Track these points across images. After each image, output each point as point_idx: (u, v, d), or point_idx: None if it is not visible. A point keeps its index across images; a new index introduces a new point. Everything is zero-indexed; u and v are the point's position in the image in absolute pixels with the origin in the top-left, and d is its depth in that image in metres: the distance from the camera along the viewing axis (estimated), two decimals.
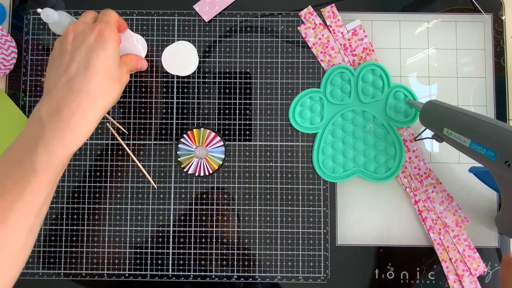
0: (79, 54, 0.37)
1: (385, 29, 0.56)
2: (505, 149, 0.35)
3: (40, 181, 0.33)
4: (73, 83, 0.36)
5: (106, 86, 0.38)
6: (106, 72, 0.38)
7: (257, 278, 0.54)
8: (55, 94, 0.36)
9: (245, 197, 0.55)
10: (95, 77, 0.37)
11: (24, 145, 0.34)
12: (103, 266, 0.54)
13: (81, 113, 0.35)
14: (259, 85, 0.56)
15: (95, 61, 0.37)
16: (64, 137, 0.34)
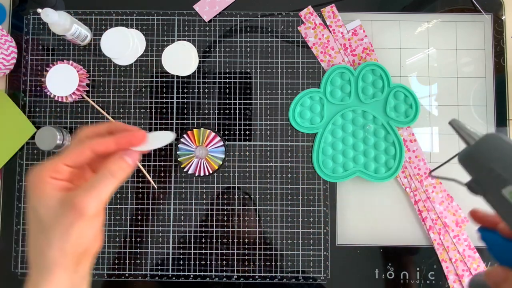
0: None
1: (385, 29, 0.56)
2: None
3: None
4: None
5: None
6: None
7: (257, 278, 0.54)
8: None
9: (245, 197, 0.55)
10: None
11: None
12: (103, 266, 0.54)
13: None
14: (259, 85, 0.56)
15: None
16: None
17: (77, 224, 0.27)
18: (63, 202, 0.27)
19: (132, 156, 0.30)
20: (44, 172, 0.28)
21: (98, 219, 0.29)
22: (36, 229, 0.28)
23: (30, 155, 0.55)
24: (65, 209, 0.27)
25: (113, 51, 0.54)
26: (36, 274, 0.28)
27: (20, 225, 0.54)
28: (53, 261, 0.27)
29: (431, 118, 0.56)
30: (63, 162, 0.28)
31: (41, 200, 0.27)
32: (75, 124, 0.56)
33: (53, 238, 0.27)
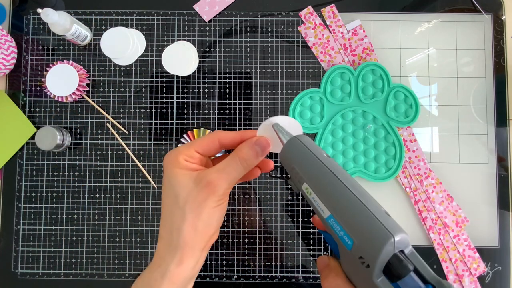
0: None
1: (385, 29, 0.56)
2: (366, 244, 0.25)
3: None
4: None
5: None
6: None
7: (257, 278, 0.54)
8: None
9: (245, 197, 0.55)
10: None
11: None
12: (103, 266, 0.54)
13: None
14: (259, 85, 0.56)
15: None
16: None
17: (209, 200, 0.29)
18: (197, 179, 0.29)
19: (262, 145, 0.31)
20: (180, 155, 0.31)
21: (224, 204, 0.31)
22: (172, 204, 0.30)
23: (30, 155, 0.55)
24: (199, 185, 0.29)
25: (113, 51, 0.54)
26: (166, 247, 0.30)
27: (20, 225, 0.54)
28: (185, 239, 0.29)
29: (431, 118, 0.56)
30: (195, 148, 0.31)
31: (177, 178, 0.30)
32: (75, 124, 0.56)
33: (189, 212, 0.29)
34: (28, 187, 0.55)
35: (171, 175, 0.30)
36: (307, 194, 0.29)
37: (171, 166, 0.31)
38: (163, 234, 0.31)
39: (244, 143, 0.31)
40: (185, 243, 0.29)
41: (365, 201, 0.26)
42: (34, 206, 0.55)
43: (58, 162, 0.55)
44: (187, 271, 0.30)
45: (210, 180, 0.29)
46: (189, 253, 0.29)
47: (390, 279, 0.24)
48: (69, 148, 0.55)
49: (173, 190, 0.30)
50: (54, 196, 0.55)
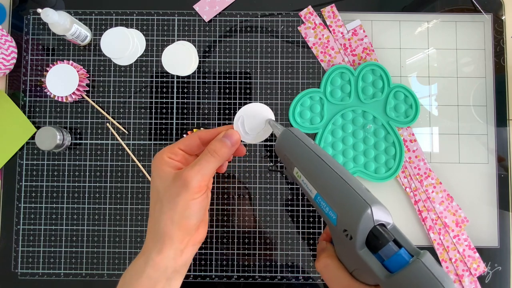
0: None
1: (385, 29, 0.56)
2: (347, 216, 0.27)
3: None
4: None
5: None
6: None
7: (257, 278, 0.54)
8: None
9: (245, 197, 0.55)
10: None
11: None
12: (103, 266, 0.54)
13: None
14: (259, 85, 0.56)
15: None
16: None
17: (182, 194, 0.31)
18: (176, 176, 0.32)
19: (230, 137, 0.34)
20: (164, 153, 0.34)
21: (202, 197, 0.33)
22: (155, 199, 0.33)
23: (30, 155, 0.55)
24: (176, 181, 0.32)
25: (113, 51, 0.54)
26: (150, 239, 0.33)
27: (20, 225, 0.54)
28: (164, 230, 0.32)
29: (431, 118, 0.56)
30: (177, 146, 0.34)
31: (160, 175, 0.33)
32: (75, 124, 0.56)
33: (165, 205, 0.32)
34: (28, 187, 0.55)
35: (156, 172, 0.34)
36: (298, 178, 0.33)
37: (157, 164, 0.34)
38: (149, 226, 0.34)
39: (215, 138, 0.35)
40: (164, 233, 0.32)
41: (346, 178, 0.29)
42: (34, 206, 0.55)
43: (58, 162, 0.55)
44: (168, 260, 0.32)
45: (184, 175, 0.32)
46: (168, 242, 0.32)
47: (372, 250, 0.27)
48: (69, 148, 0.55)
49: (156, 185, 0.33)
50: (54, 196, 0.55)
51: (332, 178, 0.29)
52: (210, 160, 0.33)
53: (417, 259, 0.24)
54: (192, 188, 0.31)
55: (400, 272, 0.24)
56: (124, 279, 0.33)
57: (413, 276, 0.24)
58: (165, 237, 0.32)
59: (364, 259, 0.26)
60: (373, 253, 0.27)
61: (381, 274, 0.25)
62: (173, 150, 0.34)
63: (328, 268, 0.29)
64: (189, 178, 0.31)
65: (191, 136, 0.35)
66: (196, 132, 0.35)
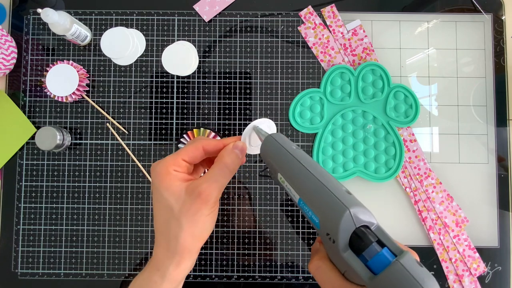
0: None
1: (385, 29, 0.56)
2: (327, 220, 0.28)
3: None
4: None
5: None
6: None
7: (257, 278, 0.54)
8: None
9: (245, 197, 0.55)
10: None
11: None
12: (103, 266, 0.54)
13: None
14: (259, 85, 0.56)
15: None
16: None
17: (203, 209, 0.31)
18: (189, 190, 0.31)
19: (240, 148, 0.34)
20: (169, 166, 0.32)
21: (216, 208, 0.32)
22: (167, 215, 0.31)
23: (30, 155, 0.55)
24: (191, 196, 0.31)
25: (113, 51, 0.54)
26: (164, 252, 0.32)
27: (20, 225, 0.54)
28: (184, 245, 0.31)
29: (431, 118, 0.56)
30: (181, 157, 0.32)
31: (170, 190, 0.31)
32: (75, 124, 0.56)
33: (184, 223, 0.31)
34: (28, 187, 0.55)
35: (163, 187, 0.31)
36: (281, 183, 0.33)
37: (162, 178, 0.32)
38: (160, 242, 0.32)
39: (224, 150, 0.33)
40: (183, 248, 0.31)
41: (325, 181, 0.29)
42: (34, 206, 0.55)
43: (58, 162, 0.55)
44: (185, 271, 0.32)
45: (201, 191, 0.30)
46: (186, 256, 0.31)
47: (356, 252, 0.27)
48: (69, 148, 0.55)
49: (167, 202, 0.31)
50: (54, 196, 0.55)
51: (312, 183, 0.30)
52: (226, 174, 0.32)
53: (396, 260, 0.24)
54: (212, 204, 0.31)
55: (381, 274, 0.24)
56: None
57: (393, 277, 0.24)
58: (184, 251, 0.31)
59: (348, 261, 0.26)
60: (358, 255, 0.27)
61: (364, 275, 0.25)
62: (177, 162, 0.32)
63: (320, 270, 0.29)
64: (208, 193, 0.30)
65: (195, 147, 0.33)
66: (199, 142, 0.33)
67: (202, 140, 0.33)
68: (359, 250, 0.26)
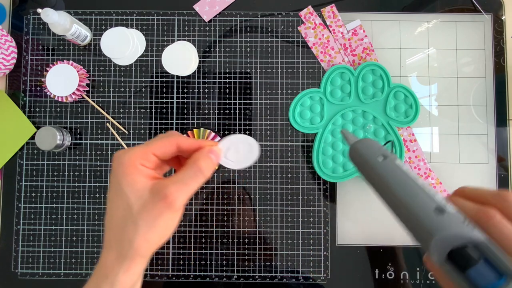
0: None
1: (385, 29, 0.56)
2: (416, 240, 0.26)
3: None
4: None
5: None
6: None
7: (257, 278, 0.54)
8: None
9: (245, 198, 0.55)
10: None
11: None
12: None
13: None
14: (259, 85, 0.56)
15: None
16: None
17: (165, 215, 0.27)
18: (154, 190, 0.27)
19: (216, 155, 0.30)
20: (136, 158, 0.28)
21: (180, 213, 0.29)
22: (124, 214, 0.28)
23: (30, 155, 0.55)
24: (155, 199, 0.27)
25: (113, 51, 0.54)
26: (115, 257, 0.28)
27: (20, 225, 0.54)
28: (137, 250, 0.28)
29: (431, 118, 0.56)
30: (152, 151, 0.29)
31: (133, 186, 0.28)
32: (75, 124, 0.56)
33: (142, 226, 0.27)
34: (28, 187, 0.55)
35: (125, 182, 0.28)
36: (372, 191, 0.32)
37: (126, 171, 0.28)
38: (112, 244, 0.29)
39: (200, 153, 0.30)
40: (136, 254, 0.28)
41: (410, 200, 0.27)
42: (34, 206, 0.55)
43: (58, 162, 0.55)
44: (136, 276, 0.29)
45: (168, 193, 0.27)
46: (138, 261, 0.28)
47: (460, 269, 0.24)
48: (69, 148, 0.55)
49: (127, 199, 0.28)
50: (54, 196, 0.55)
51: (395, 204, 0.28)
52: (198, 179, 0.29)
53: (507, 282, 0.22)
54: (177, 209, 0.28)
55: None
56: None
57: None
58: (137, 257, 0.28)
59: (449, 275, 0.24)
60: (461, 271, 0.24)
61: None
62: (147, 155, 0.29)
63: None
64: (175, 197, 0.27)
65: (169, 142, 0.30)
66: (174, 137, 0.30)
67: (177, 136, 0.30)
68: (463, 267, 0.24)
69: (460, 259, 0.24)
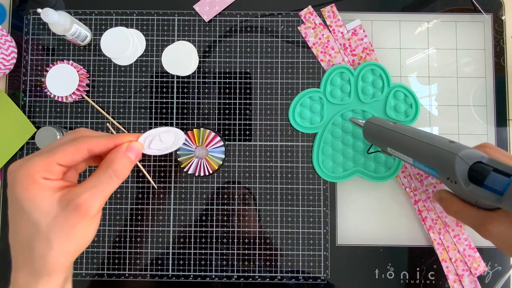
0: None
1: (385, 29, 0.56)
2: (443, 168, 0.35)
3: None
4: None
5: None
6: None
7: (257, 278, 0.54)
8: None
9: (245, 197, 0.55)
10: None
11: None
12: (103, 266, 0.54)
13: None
14: (259, 85, 0.56)
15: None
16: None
17: (80, 224, 0.25)
18: (63, 201, 0.25)
19: (135, 150, 0.28)
20: (35, 172, 0.25)
21: (98, 217, 0.27)
22: (30, 232, 0.25)
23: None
24: (66, 211, 0.25)
25: (113, 51, 0.54)
26: (28, 276, 0.26)
27: None
28: (54, 264, 0.25)
29: (431, 118, 0.56)
30: (56, 161, 0.25)
31: (35, 203, 0.25)
32: (75, 124, 0.56)
33: (55, 240, 0.25)
34: None
35: (26, 199, 0.24)
36: (393, 153, 0.42)
37: (24, 187, 0.24)
38: (20, 264, 0.26)
39: (115, 153, 0.27)
40: (53, 268, 0.26)
41: (429, 140, 0.36)
42: None
43: None
44: (58, 287, 0.27)
45: (80, 202, 0.25)
46: (57, 274, 0.26)
47: (478, 184, 0.33)
48: None
49: (30, 216, 0.25)
50: None
51: (418, 146, 0.37)
52: (113, 183, 0.27)
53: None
54: (93, 216, 0.26)
55: (507, 191, 0.30)
56: None
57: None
58: (54, 270, 0.26)
59: (474, 193, 0.32)
60: (481, 186, 0.32)
61: (492, 198, 0.31)
62: (50, 167, 0.25)
63: (457, 210, 0.39)
64: (90, 205, 0.25)
65: (77, 149, 0.26)
66: (83, 142, 0.26)
67: (86, 140, 0.26)
68: (481, 181, 0.32)
69: (478, 171, 0.32)
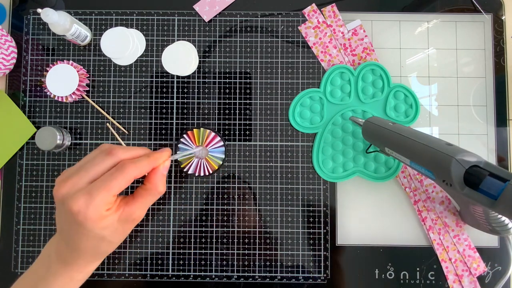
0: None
1: (385, 29, 0.56)
2: (439, 170, 0.35)
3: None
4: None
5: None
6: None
7: (257, 278, 0.54)
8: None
9: (245, 197, 0.55)
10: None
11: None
12: (103, 266, 0.54)
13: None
14: (259, 85, 0.56)
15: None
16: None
17: (131, 228, 0.35)
18: (122, 219, 0.33)
19: (167, 168, 0.36)
20: (101, 209, 0.31)
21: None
22: (98, 242, 0.33)
23: (30, 155, 0.55)
24: (125, 224, 0.34)
25: (113, 51, 0.54)
26: (88, 262, 0.35)
27: (20, 225, 0.54)
28: (109, 252, 0.36)
29: (431, 118, 0.56)
30: (113, 194, 0.32)
31: (103, 228, 0.32)
32: (75, 124, 0.56)
33: (116, 241, 0.35)
34: (28, 187, 0.55)
35: (95, 227, 0.31)
36: (390, 153, 0.42)
37: (95, 223, 0.31)
38: (86, 258, 0.35)
39: (156, 176, 0.35)
40: (106, 254, 0.36)
41: (426, 142, 0.36)
42: (34, 206, 0.55)
43: (58, 162, 0.55)
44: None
45: (135, 218, 0.34)
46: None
47: (473, 187, 0.33)
48: (69, 148, 0.55)
49: (100, 235, 0.32)
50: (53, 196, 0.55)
51: (416, 147, 0.37)
52: (154, 199, 0.35)
53: (509, 183, 0.30)
54: (138, 221, 0.35)
55: (500, 196, 0.30)
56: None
57: (509, 197, 0.30)
58: (105, 255, 0.37)
59: (468, 196, 0.33)
60: (476, 189, 0.33)
61: (486, 202, 0.32)
62: (109, 200, 0.31)
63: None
64: (140, 216, 0.35)
65: (127, 180, 0.32)
66: (131, 173, 0.33)
67: (131, 169, 0.33)
68: (476, 185, 0.32)
69: (474, 175, 0.32)
